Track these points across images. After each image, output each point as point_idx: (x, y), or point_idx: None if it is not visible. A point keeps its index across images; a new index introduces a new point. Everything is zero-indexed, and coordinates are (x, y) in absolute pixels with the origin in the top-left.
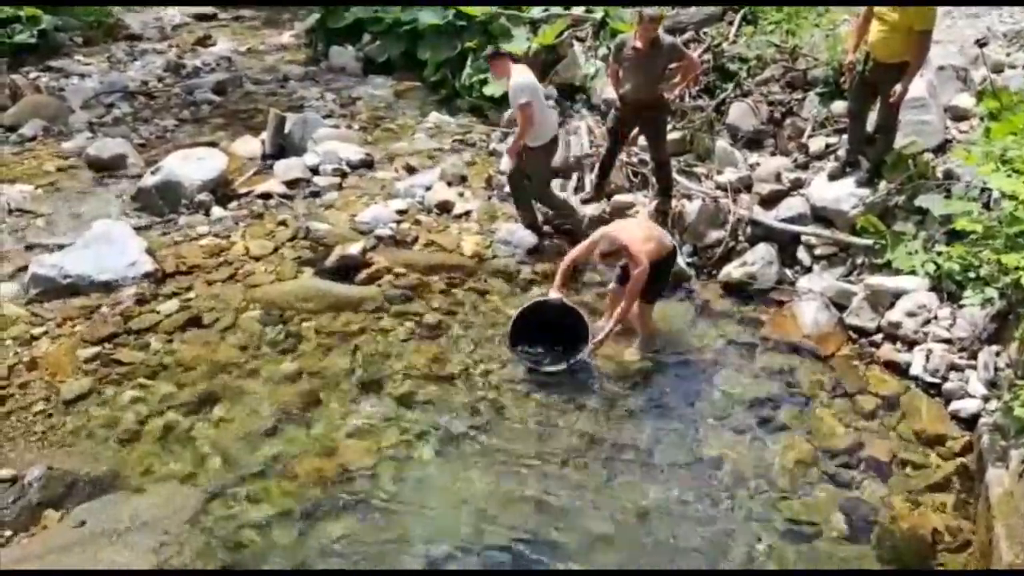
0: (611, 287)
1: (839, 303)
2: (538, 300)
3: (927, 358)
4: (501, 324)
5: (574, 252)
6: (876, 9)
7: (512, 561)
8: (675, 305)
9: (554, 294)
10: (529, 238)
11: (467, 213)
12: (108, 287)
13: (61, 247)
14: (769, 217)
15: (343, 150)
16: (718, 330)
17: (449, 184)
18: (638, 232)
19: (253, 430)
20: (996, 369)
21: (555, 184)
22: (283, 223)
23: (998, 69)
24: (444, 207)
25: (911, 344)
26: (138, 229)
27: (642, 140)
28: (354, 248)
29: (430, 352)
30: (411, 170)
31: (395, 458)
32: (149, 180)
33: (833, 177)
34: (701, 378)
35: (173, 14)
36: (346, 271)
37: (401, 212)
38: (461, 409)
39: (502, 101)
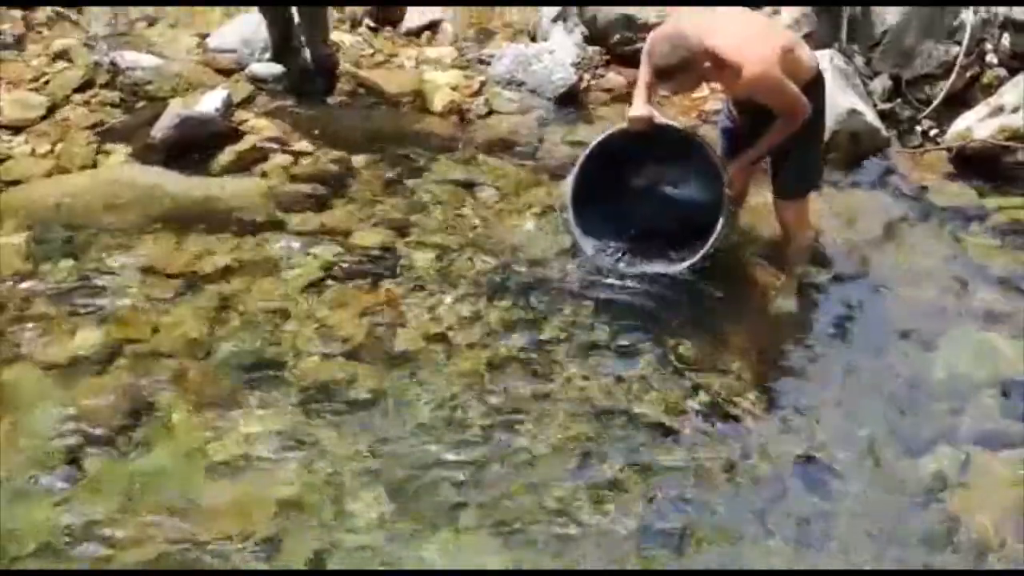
0: None
1: None
2: (617, 129)
3: None
4: (509, 251)
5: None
6: None
7: None
8: (856, 197)
9: (639, 108)
10: (564, 70)
11: (433, 27)
12: None
13: None
14: None
15: None
16: (948, 244)
17: None
18: (735, 27)
19: (32, 460)
20: None
21: None
22: (64, 55)
23: None
24: (388, 15)
25: None
26: None
27: None
28: (210, 102)
29: (367, 310)
30: None
31: (303, 522)
32: None
33: None
34: (914, 346)
35: None
36: (196, 149)
37: None
38: (434, 425)
39: None
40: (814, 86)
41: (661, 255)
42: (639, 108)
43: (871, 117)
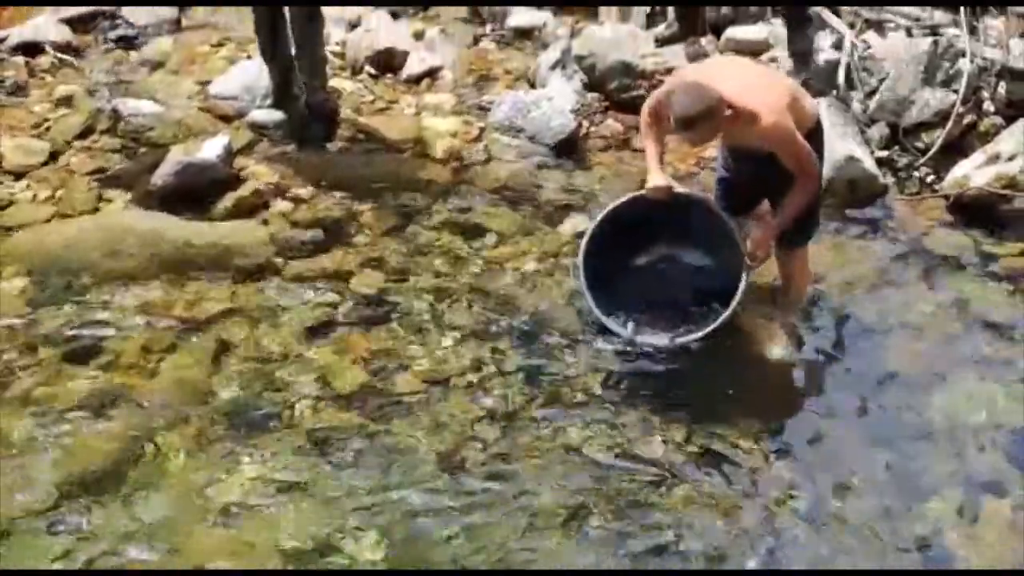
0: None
1: None
2: (631, 197)
3: None
4: (507, 296)
5: (655, 101)
6: None
7: None
8: (854, 244)
9: (657, 177)
10: (563, 117)
11: (433, 73)
12: None
13: None
14: None
15: None
16: (946, 291)
17: (396, 17)
18: (741, 76)
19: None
20: None
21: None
22: (67, 101)
23: None
24: (388, 62)
25: None
26: None
27: None
28: (211, 149)
29: (367, 355)
30: None
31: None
32: None
33: None
34: (913, 393)
35: None
36: (196, 196)
37: None
38: (433, 471)
39: None
40: (815, 133)
41: (671, 322)
42: (658, 178)
43: (869, 164)
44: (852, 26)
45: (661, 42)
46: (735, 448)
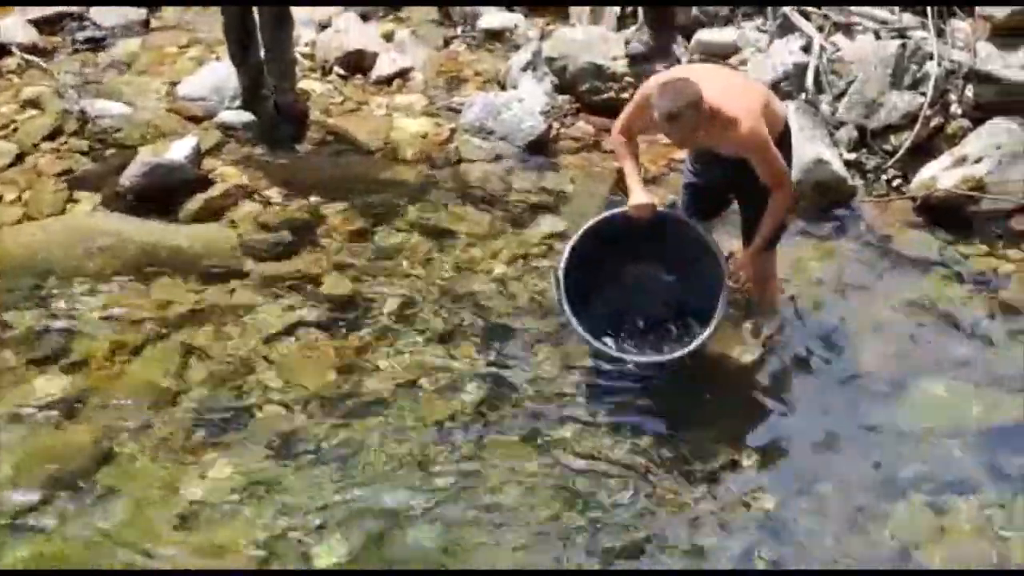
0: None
1: None
2: (613, 214)
3: None
4: (478, 298)
5: (627, 115)
6: None
7: None
8: (822, 246)
9: (641, 195)
10: (534, 119)
11: (404, 75)
12: None
13: None
14: (1014, 65)
15: None
16: (914, 292)
17: (366, 19)
18: (716, 79)
19: None
20: None
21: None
22: (34, 102)
23: None
24: (358, 63)
25: None
26: None
27: None
28: (179, 150)
29: (335, 358)
30: None
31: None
32: None
33: None
34: (881, 394)
35: None
36: (165, 197)
37: None
38: (402, 473)
39: None
40: (784, 137)
41: (650, 338)
42: (641, 196)
43: (837, 166)
44: (821, 29)
45: (630, 55)
46: (706, 450)
